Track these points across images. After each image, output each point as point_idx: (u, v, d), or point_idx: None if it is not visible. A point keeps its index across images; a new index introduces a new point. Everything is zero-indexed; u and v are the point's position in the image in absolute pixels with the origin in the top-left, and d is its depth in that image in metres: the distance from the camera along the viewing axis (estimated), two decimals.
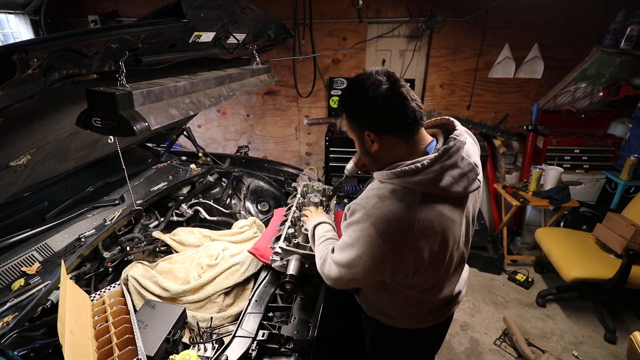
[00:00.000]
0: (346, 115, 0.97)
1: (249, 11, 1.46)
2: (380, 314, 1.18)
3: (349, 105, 0.96)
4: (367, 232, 0.89)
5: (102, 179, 1.87)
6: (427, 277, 1.00)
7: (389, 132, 0.91)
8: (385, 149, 0.94)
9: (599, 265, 2.25)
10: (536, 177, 2.89)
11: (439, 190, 0.89)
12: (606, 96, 3.09)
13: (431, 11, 3.08)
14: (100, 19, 3.48)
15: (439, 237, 0.91)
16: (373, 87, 0.88)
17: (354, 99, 0.93)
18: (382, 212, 0.89)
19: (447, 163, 0.88)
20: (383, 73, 0.90)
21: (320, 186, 1.77)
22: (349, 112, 0.97)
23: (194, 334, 1.25)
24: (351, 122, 0.97)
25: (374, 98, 0.88)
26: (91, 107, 0.89)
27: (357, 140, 1.00)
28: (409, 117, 0.89)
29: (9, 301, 1.15)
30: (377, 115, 0.90)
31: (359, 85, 0.91)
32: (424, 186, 0.88)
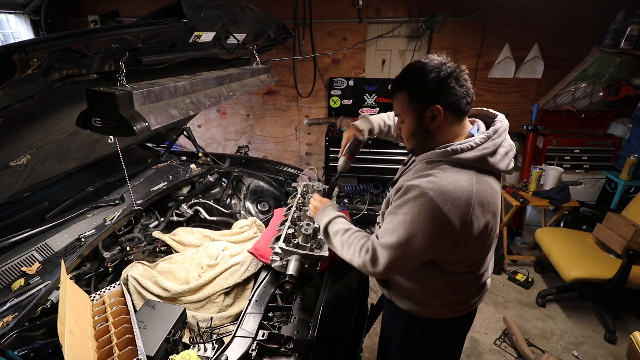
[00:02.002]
0: (409, 92, 1.00)
1: (249, 11, 1.46)
2: (418, 306, 1.17)
3: (415, 80, 0.99)
4: (427, 205, 0.91)
5: (102, 179, 1.87)
6: (478, 249, 1.04)
7: (452, 109, 0.98)
8: (442, 126, 1.00)
9: (599, 265, 2.25)
10: (536, 177, 2.89)
11: (489, 166, 0.98)
12: (606, 96, 3.09)
13: (431, 11, 3.08)
14: (100, 19, 3.48)
15: (492, 208, 0.99)
16: (442, 67, 0.96)
17: (424, 75, 0.97)
18: (440, 185, 0.93)
19: (497, 141, 1.00)
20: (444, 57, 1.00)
21: (320, 186, 1.77)
22: (414, 87, 0.99)
23: (194, 334, 1.25)
24: (415, 99, 0.99)
25: (447, 75, 0.95)
26: (91, 107, 0.89)
27: (414, 117, 1.01)
28: (470, 97, 0.99)
29: (9, 301, 1.15)
30: (448, 89, 0.96)
31: (427, 64, 0.97)
32: (477, 162, 0.97)
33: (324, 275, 1.39)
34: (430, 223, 0.92)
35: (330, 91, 3.52)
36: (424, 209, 0.92)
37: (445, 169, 0.97)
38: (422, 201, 0.92)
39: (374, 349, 2.25)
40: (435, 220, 0.92)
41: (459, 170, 0.97)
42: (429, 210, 0.92)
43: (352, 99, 3.49)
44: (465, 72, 0.98)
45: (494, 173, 1.02)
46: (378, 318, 1.55)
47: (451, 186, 0.93)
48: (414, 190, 0.95)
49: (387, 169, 3.20)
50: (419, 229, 0.93)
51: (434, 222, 0.92)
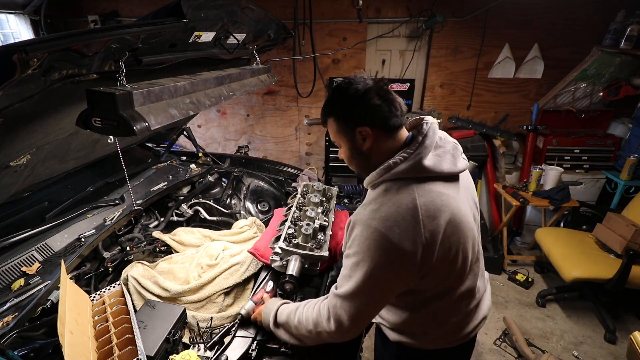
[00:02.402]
0: (335, 118, 0.98)
1: (249, 11, 1.46)
2: (406, 337, 1.09)
3: (339, 105, 0.97)
4: (374, 237, 0.86)
5: (102, 179, 1.87)
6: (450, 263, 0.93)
7: (380, 126, 0.94)
8: (375, 145, 0.96)
9: (599, 265, 2.25)
10: (536, 177, 2.89)
11: (428, 172, 0.91)
12: (606, 96, 3.09)
13: (431, 11, 3.08)
14: (100, 19, 3.48)
15: (447, 215, 0.89)
16: (362, 83, 0.94)
17: (345, 98, 0.95)
18: (382, 212, 0.88)
19: (427, 142, 0.94)
20: (366, 75, 0.98)
21: (320, 186, 1.77)
22: (339, 112, 0.97)
23: (194, 334, 1.25)
24: (341, 123, 0.97)
25: (366, 92, 0.92)
26: (91, 107, 0.89)
27: (346, 142, 0.99)
28: (398, 110, 0.94)
29: (9, 301, 1.15)
30: (370, 108, 0.92)
31: (347, 85, 0.96)
32: (413, 171, 0.91)
33: (324, 275, 1.39)
34: (383, 255, 0.86)
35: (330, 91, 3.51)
36: (372, 242, 0.86)
37: (387, 192, 0.92)
38: (368, 234, 0.87)
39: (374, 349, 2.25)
40: (387, 251, 0.85)
41: (400, 187, 0.91)
42: (377, 241, 0.85)
43: None
44: (386, 85, 0.95)
45: (441, 178, 0.94)
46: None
47: (392, 209, 0.87)
48: (358, 225, 0.90)
49: None
50: (374, 265, 0.86)
51: (386, 254, 0.85)
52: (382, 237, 0.85)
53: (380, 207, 0.89)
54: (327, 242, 1.39)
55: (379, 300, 0.94)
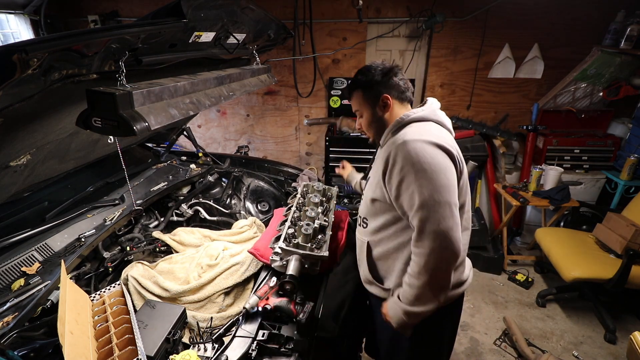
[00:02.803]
0: (362, 90, 1.18)
1: (249, 11, 1.46)
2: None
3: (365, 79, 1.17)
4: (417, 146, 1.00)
5: (102, 179, 1.87)
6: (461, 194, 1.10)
7: (397, 97, 1.18)
8: (393, 112, 1.17)
9: (599, 265, 2.25)
10: (536, 177, 2.89)
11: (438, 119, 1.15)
12: (606, 96, 3.09)
13: (431, 11, 3.08)
14: (100, 19, 3.48)
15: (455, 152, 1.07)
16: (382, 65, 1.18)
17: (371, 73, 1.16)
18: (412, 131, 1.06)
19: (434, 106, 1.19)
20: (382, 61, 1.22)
21: (320, 186, 1.77)
22: (365, 84, 1.17)
23: (194, 334, 1.25)
24: (367, 94, 1.18)
25: (389, 70, 1.16)
26: (91, 107, 0.89)
27: (369, 109, 1.19)
28: (409, 89, 1.20)
29: (9, 301, 1.15)
30: (391, 81, 1.16)
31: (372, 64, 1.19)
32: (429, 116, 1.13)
33: (324, 275, 1.39)
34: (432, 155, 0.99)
35: (330, 91, 3.52)
36: (417, 151, 0.99)
37: (411, 125, 1.11)
38: (410, 147, 1.00)
39: None
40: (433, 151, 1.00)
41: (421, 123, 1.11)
42: (422, 147, 0.99)
43: None
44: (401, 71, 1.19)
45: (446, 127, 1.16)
46: None
47: (425, 129, 1.07)
48: (394, 150, 1.04)
49: None
50: (430, 168, 0.98)
51: (434, 153, 1.00)
52: (430, 144, 1.01)
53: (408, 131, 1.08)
54: (327, 242, 1.39)
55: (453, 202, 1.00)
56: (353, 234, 1.41)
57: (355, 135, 3.27)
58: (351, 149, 3.20)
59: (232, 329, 1.20)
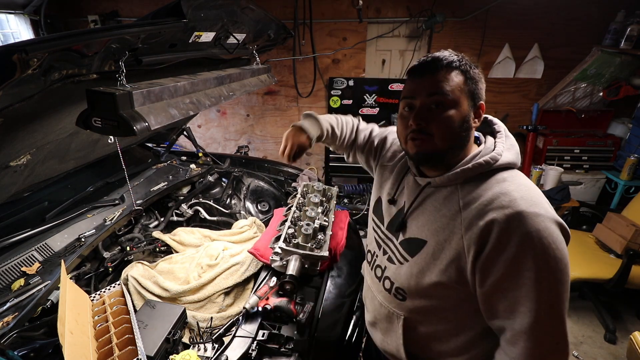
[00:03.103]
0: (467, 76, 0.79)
1: (249, 11, 1.46)
2: None
3: (473, 68, 0.80)
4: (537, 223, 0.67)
5: (102, 179, 1.87)
6: None
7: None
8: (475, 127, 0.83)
9: (599, 265, 2.25)
10: (536, 177, 2.89)
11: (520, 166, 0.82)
12: (606, 96, 3.09)
13: (431, 11, 3.08)
14: (100, 19, 3.48)
15: None
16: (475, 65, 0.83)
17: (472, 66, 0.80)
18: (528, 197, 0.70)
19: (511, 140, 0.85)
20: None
21: (320, 186, 1.77)
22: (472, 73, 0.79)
23: (194, 334, 1.25)
24: (469, 85, 0.79)
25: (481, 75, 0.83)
26: (91, 107, 0.89)
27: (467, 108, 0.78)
28: None
29: (9, 301, 1.15)
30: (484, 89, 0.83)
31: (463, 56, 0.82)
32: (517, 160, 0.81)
33: (324, 275, 1.39)
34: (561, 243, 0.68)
35: (330, 91, 3.52)
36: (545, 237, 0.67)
37: (506, 179, 0.76)
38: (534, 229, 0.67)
39: None
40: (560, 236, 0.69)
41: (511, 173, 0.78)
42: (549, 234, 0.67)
43: (352, 99, 3.49)
44: None
45: None
46: None
47: (531, 191, 0.72)
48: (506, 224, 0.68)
49: None
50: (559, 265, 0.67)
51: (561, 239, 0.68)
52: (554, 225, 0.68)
53: (521, 193, 0.71)
54: (327, 242, 1.39)
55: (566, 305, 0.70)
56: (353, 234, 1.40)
57: None
58: None
59: (232, 329, 1.20)
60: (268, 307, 1.18)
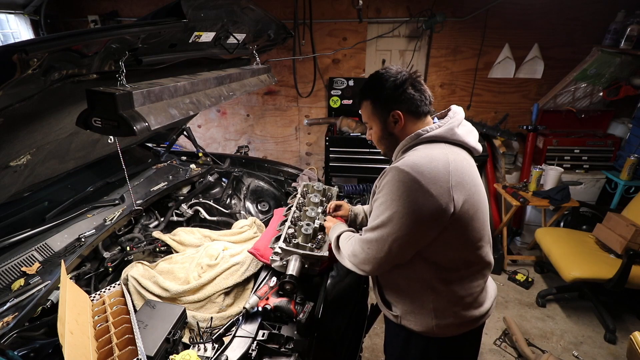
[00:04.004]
0: (371, 101, 1.09)
1: (249, 11, 1.46)
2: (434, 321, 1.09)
3: (376, 90, 1.07)
4: (405, 179, 0.93)
5: (102, 179, 1.87)
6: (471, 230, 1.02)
7: (411, 112, 1.06)
8: (405, 128, 1.07)
9: (599, 265, 2.25)
10: (536, 177, 2.89)
11: (458, 138, 1.04)
12: (606, 96, 3.09)
13: (431, 11, 3.08)
14: (100, 19, 3.49)
15: (470, 180, 1.00)
16: (398, 75, 1.05)
17: (382, 84, 1.06)
18: (413, 159, 0.96)
19: (457, 117, 1.08)
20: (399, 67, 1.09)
21: (320, 186, 1.77)
22: (376, 95, 1.08)
23: (194, 334, 1.25)
24: (376, 106, 1.08)
25: (402, 82, 1.04)
26: (91, 107, 0.89)
27: (379, 123, 1.10)
28: (427, 99, 1.07)
29: (9, 301, 1.15)
30: (404, 96, 1.04)
31: (385, 73, 1.07)
32: (446, 135, 1.03)
33: (324, 275, 1.39)
34: (410, 196, 0.93)
35: (330, 91, 3.52)
36: (401, 184, 0.94)
37: (418, 149, 1.02)
38: (399, 177, 0.95)
39: (374, 349, 2.25)
40: (414, 192, 0.93)
41: (431, 145, 1.02)
42: (406, 184, 0.93)
43: (352, 99, 3.49)
44: (420, 78, 1.07)
45: (465, 148, 1.08)
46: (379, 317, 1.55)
47: (425, 159, 0.96)
48: (390, 171, 0.98)
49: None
50: (400, 205, 0.94)
51: (413, 195, 0.93)
52: (411, 180, 0.93)
53: (412, 157, 0.98)
54: (327, 242, 1.39)
55: (403, 245, 0.98)
56: None
57: (355, 135, 3.27)
58: (351, 149, 3.19)
59: (232, 329, 1.19)
60: (268, 307, 1.18)
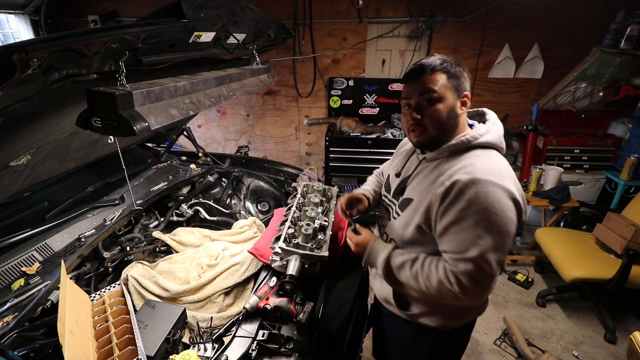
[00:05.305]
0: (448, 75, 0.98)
1: (249, 11, 1.46)
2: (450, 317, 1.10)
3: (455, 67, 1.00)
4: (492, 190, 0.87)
5: (102, 179, 1.87)
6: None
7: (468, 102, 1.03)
8: (463, 114, 1.03)
9: (599, 265, 2.25)
10: (536, 177, 2.89)
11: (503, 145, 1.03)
12: (606, 96, 3.09)
13: (431, 11, 3.08)
14: (100, 19, 3.49)
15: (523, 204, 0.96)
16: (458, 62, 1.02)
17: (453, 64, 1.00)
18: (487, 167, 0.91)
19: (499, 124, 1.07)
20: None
21: (320, 186, 1.76)
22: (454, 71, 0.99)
23: (194, 334, 1.25)
24: (452, 82, 0.99)
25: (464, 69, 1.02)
26: (91, 107, 0.89)
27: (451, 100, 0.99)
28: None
29: (9, 301, 1.15)
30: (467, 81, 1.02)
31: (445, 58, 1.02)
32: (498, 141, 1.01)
33: (324, 275, 1.39)
34: (504, 207, 0.87)
35: (330, 91, 3.52)
36: (491, 195, 0.86)
37: (480, 155, 0.96)
38: (485, 189, 0.86)
39: None
40: (506, 202, 0.87)
41: (489, 152, 0.98)
42: (495, 194, 0.86)
43: (352, 99, 3.49)
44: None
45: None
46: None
47: (497, 166, 0.92)
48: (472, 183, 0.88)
49: None
50: (497, 221, 0.86)
51: (507, 205, 0.87)
52: (505, 193, 0.87)
53: (481, 163, 0.92)
54: (327, 242, 1.39)
55: (502, 259, 0.92)
56: None
57: (355, 135, 3.27)
58: (351, 149, 3.20)
59: (232, 329, 1.20)
60: (268, 307, 1.18)
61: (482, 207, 0.87)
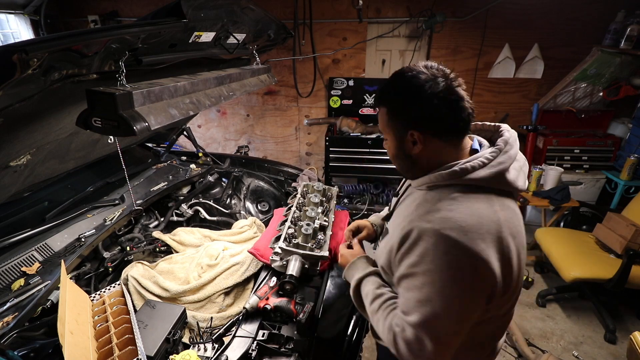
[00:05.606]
0: (388, 110, 0.84)
1: (249, 11, 1.46)
2: None
3: (396, 99, 0.82)
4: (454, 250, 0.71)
5: (102, 179, 1.87)
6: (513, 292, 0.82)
7: (438, 135, 0.81)
8: (427, 153, 0.83)
9: (599, 265, 2.25)
10: (536, 177, 2.89)
11: (507, 185, 0.80)
12: (606, 96, 3.09)
13: (431, 11, 3.08)
14: (100, 19, 3.49)
15: (521, 236, 0.81)
16: (430, 83, 0.77)
17: (405, 93, 0.80)
18: (459, 220, 0.73)
19: (512, 153, 0.81)
20: (437, 68, 0.81)
21: (320, 186, 1.77)
22: (394, 106, 0.83)
23: (194, 334, 1.25)
24: (393, 119, 0.83)
25: (431, 96, 0.77)
26: (91, 107, 0.89)
27: (394, 140, 0.85)
28: (463, 121, 0.80)
29: (9, 301, 1.15)
30: (430, 115, 0.79)
31: (413, 78, 0.79)
32: (494, 181, 0.78)
33: (324, 275, 1.39)
34: (471, 274, 0.72)
35: (330, 91, 3.52)
36: (451, 256, 0.71)
37: (457, 198, 0.77)
38: (445, 247, 0.71)
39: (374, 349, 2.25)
40: (474, 269, 0.72)
41: (474, 196, 0.77)
42: (457, 255, 0.71)
43: (352, 99, 3.49)
44: (460, 85, 0.80)
45: (512, 194, 0.83)
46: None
47: (474, 219, 0.72)
48: (427, 236, 0.74)
49: (387, 169, 3.20)
50: (459, 286, 0.72)
51: (474, 273, 0.72)
52: (463, 250, 0.71)
53: (455, 214, 0.74)
54: (327, 242, 1.39)
55: (460, 330, 0.76)
56: None
57: (355, 135, 3.27)
58: (351, 149, 3.20)
59: (232, 329, 1.20)
60: (268, 307, 1.18)
61: (434, 266, 0.72)
